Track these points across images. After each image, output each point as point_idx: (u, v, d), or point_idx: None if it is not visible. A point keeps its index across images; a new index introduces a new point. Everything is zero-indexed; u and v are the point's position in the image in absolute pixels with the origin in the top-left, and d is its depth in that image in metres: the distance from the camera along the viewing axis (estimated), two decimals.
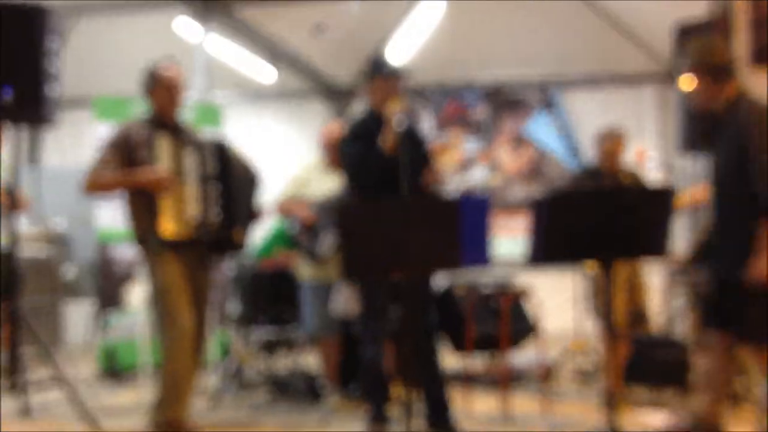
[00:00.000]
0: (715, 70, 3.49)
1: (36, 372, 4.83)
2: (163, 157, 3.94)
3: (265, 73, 9.39)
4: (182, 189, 3.96)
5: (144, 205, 3.96)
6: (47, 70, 4.27)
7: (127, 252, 5.97)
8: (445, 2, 8.58)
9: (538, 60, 9.66)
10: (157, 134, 4.00)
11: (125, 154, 3.96)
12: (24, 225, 5.68)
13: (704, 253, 4.53)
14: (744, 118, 3.42)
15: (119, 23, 8.85)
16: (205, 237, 4.01)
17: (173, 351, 3.89)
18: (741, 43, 5.90)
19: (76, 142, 10.33)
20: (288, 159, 9.39)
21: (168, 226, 3.88)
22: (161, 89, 4.08)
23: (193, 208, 3.96)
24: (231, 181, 4.06)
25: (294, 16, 8.41)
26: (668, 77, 8.21)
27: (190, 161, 4.01)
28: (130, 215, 4.05)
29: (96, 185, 4.02)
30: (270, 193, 5.01)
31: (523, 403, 4.90)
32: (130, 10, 8.02)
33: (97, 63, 9.49)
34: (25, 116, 4.36)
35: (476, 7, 8.97)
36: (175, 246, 3.94)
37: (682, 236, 7.99)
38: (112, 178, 3.95)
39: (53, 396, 4.52)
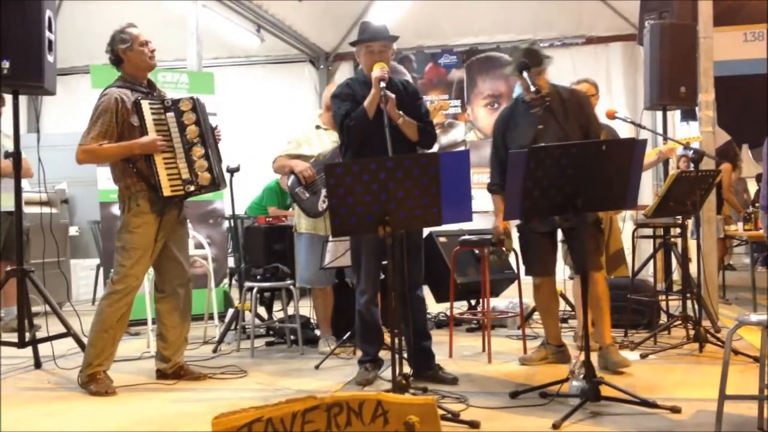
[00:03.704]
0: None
1: (44, 327, 4.82)
2: (149, 122, 3.84)
3: (252, 39, 9.22)
4: (170, 149, 3.87)
5: (130, 170, 3.85)
6: (44, 40, 4.14)
7: None
8: None
9: (513, 25, 9.56)
10: (140, 99, 3.87)
11: (117, 122, 3.83)
12: (27, 189, 5.57)
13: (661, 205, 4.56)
14: None
15: None
16: (194, 194, 3.94)
17: (110, 305, 3.82)
18: (705, 6, 5.85)
19: (73, 109, 10.14)
20: (277, 121, 9.28)
21: (162, 186, 3.81)
22: (137, 48, 3.90)
23: (181, 168, 3.87)
24: (210, 136, 3.99)
25: None
26: (635, 38, 8.14)
27: (173, 123, 3.90)
28: (117, 178, 3.93)
29: (92, 157, 3.89)
30: (263, 152, 4.94)
31: (503, 345, 4.94)
32: None
33: (92, 33, 9.26)
34: (23, 86, 4.25)
35: None
36: (162, 205, 3.85)
37: (648, 188, 8.03)
38: (109, 150, 3.82)
39: (61, 348, 4.50)
